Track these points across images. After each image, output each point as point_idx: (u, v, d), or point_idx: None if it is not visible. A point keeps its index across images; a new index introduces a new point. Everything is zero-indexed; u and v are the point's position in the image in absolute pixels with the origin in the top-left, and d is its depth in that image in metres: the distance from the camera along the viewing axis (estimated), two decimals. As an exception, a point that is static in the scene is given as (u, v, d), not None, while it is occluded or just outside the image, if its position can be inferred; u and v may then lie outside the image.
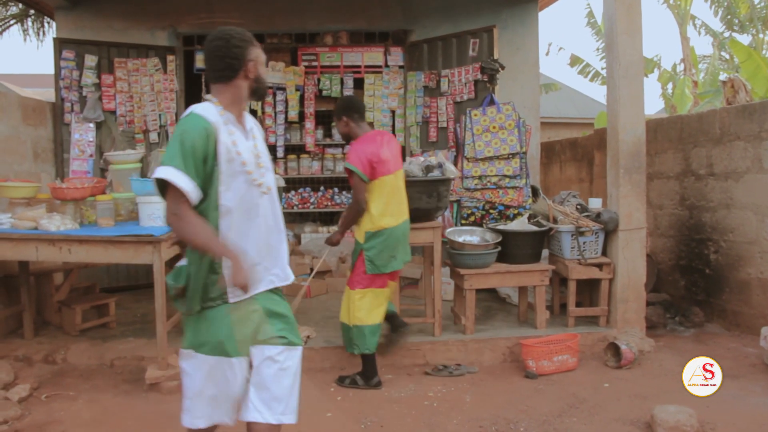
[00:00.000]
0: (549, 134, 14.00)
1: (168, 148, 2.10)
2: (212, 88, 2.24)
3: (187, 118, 2.12)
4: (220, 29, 2.24)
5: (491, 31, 6.17)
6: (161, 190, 2.10)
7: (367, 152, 3.85)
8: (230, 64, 2.18)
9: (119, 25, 6.69)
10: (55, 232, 3.91)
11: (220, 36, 2.20)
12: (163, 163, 2.06)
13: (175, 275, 2.20)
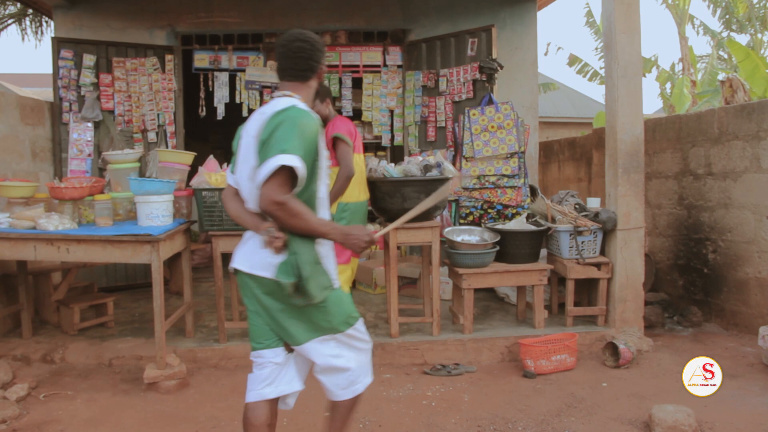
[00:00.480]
0: (547, 134, 14.02)
1: (286, 138, 2.16)
2: (286, 85, 2.41)
3: (301, 111, 2.25)
4: (299, 31, 2.44)
5: (490, 31, 6.17)
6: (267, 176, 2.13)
7: (350, 128, 4.34)
8: (311, 66, 2.40)
9: (117, 25, 6.69)
10: (53, 232, 3.90)
11: (302, 38, 2.39)
12: (285, 150, 2.12)
13: (284, 272, 2.22)
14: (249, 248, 2.37)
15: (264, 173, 2.13)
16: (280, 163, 2.11)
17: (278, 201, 2.13)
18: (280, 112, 2.24)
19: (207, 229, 4.33)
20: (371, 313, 5.28)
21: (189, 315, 4.63)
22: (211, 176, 4.35)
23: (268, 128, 2.22)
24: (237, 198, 2.45)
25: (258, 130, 2.28)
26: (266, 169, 2.12)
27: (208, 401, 3.73)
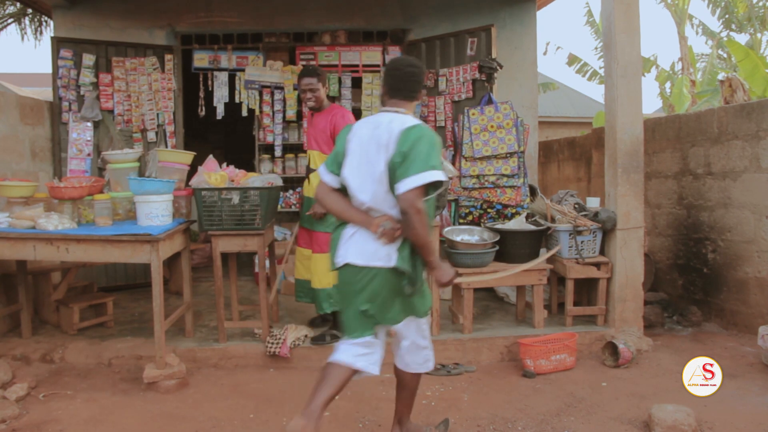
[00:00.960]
0: (547, 133, 14.03)
1: (430, 155, 2.59)
2: (396, 102, 2.82)
3: (430, 130, 2.71)
4: (410, 58, 3.00)
5: (489, 30, 6.17)
6: (414, 190, 2.56)
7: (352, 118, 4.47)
8: (418, 88, 2.85)
9: (117, 24, 6.69)
10: (52, 231, 3.90)
11: (413, 64, 2.87)
12: (434, 167, 2.58)
13: (403, 262, 2.67)
14: (357, 243, 2.73)
15: (415, 183, 2.54)
16: (434, 179, 2.55)
17: (419, 208, 2.55)
18: (412, 128, 2.66)
19: (206, 228, 4.33)
20: (371, 313, 5.28)
21: (188, 315, 4.63)
22: (211, 176, 4.35)
23: (406, 142, 2.61)
24: (337, 194, 2.83)
25: (388, 140, 2.66)
26: (419, 181, 2.54)
27: (208, 401, 3.73)
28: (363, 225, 2.72)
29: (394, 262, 2.66)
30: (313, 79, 4.36)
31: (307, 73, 4.39)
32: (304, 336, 4.44)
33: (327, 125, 4.39)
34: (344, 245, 2.77)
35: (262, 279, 4.42)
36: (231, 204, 4.25)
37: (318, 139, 4.43)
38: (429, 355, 2.98)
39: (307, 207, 4.53)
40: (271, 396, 3.79)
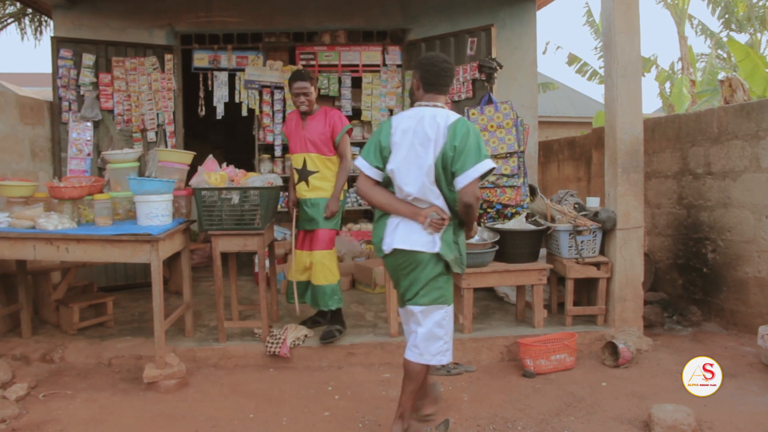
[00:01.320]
0: (547, 133, 14.03)
1: (480, 146, 2.86)
2: (432, 96, 3.00)
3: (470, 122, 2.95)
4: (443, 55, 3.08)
5: (489, 30, 6.17)
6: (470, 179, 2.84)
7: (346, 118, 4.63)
8: (451, 83, 3.05)
9: (117, 24, 6.69)
10: (52, 231, 3.90)
11: (447, 60, 3.02)
12: (486, 157, 2.87)
13: (447, 249, 2.92)
14: (403, 231, 2.95)
15: (475, 174, 2.80)
16: (490, 167, 2.83)
17: (478, 196, 2.89)
18: (458, 122, 2.89)
19: (206, 228, 4.33)
20: (370, 313, 5.28)
21: (188, 314, 4.63)
22: (211, 175, 4.35)
23: (456, 136, 2.84)
24: (381, 187, 3.03)
25: (436, 134, 2.86)
26: (478, 172, 2.81)
27: (208, 401, 3.73)
28: (410, 216, 2.93)
29: (437, 249, 2.90)
30: (306, 83, 4.35)
31: (299, 77, 4.37)
32: (304, 336, 4.44)
33: (326, 128, 4.44)
34: (390, 234, 2.98)
35: (261, 279, 4.43)
36: (231, 204, 4.25)
37: (316, 142, 4.44)
38: (443, 348, 3.02)
39: (305, 209, 4.52)
40: (271, 396, 3.79)
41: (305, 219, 4.54)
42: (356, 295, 6.02)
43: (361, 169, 3.04)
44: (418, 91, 3.05)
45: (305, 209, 4.53)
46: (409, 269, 2.97)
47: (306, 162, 4.50)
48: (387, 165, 2.97)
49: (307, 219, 4.52)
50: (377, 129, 3.10)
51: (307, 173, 4.51)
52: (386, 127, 3.03)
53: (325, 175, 4.52)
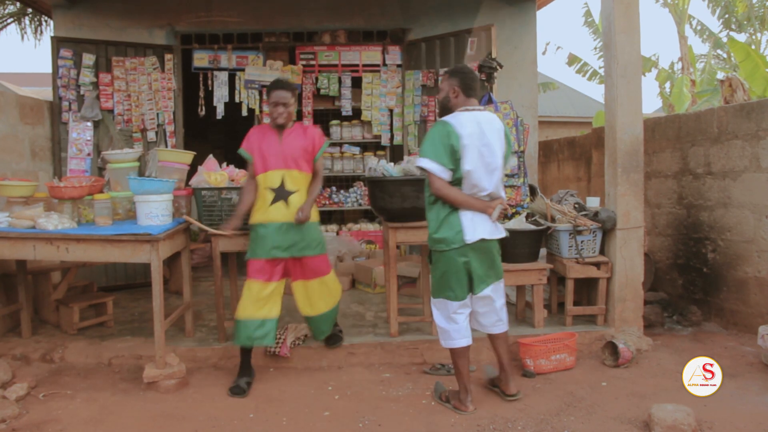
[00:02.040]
0: (547, 133, 14.03)
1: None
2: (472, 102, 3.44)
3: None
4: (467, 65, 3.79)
5: (489, 30, 6.17)
6: None
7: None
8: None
9: (117, 24, 6.69)
10: (52, 231, 3.90)
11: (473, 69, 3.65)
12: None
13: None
14: (482, 223, 3.38)
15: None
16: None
17: None
18: (504, 127, 3.49)
19: (206, 228, 4.32)
20: (371, 313, 5.28)
21: (188, 314, 4.63)
22: (211, 175, 4.35)
23: (508, 140, 3.54)
24: (454, 187, 3.37)
25: (500, 136, 3.43)
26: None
27: (208, 401, 3.73)
28: (481, 209, 3.37)
29: (503, 233, 3.51)
30: (287, 93, 3.88)
31: (281, 86, 3.90)
32: (304, 336, 4.44)
33: (307, 143, 3.96)
34: (471, 226, 3.36)
35: (262, 279, 4.41)
36: (231, 203, 4.26)
37: (297, 158, 3.91)
38: (503, 315, 3.62)
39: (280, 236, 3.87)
40: (272, 396, 3.79)
41: (281, 246, 3.88)
42: (356, 295, 6.02)
43: (433, 172, 3.32)
44: (457, 98, 3.41)
45: (280, 236, 3.86)
46: (491, 255, 3.48)
47: (285, 180, 3.88)
48: (462, 166, 3.30)
49: (287, 246, 3.89)
50: (440, 134, 3.32)
51: (286, 193, 3.89)
52: (452, 132, 3.29)
53: (304, 194, 3.96)
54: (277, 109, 3.88)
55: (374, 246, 7.04)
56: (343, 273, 6.42)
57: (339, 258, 6.64)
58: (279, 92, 3.87)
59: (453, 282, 3.44)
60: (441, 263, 3.46)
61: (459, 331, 3.48)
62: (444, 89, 3.48)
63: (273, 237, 3.88)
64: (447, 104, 3.47)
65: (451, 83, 3.41)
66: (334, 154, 7.55)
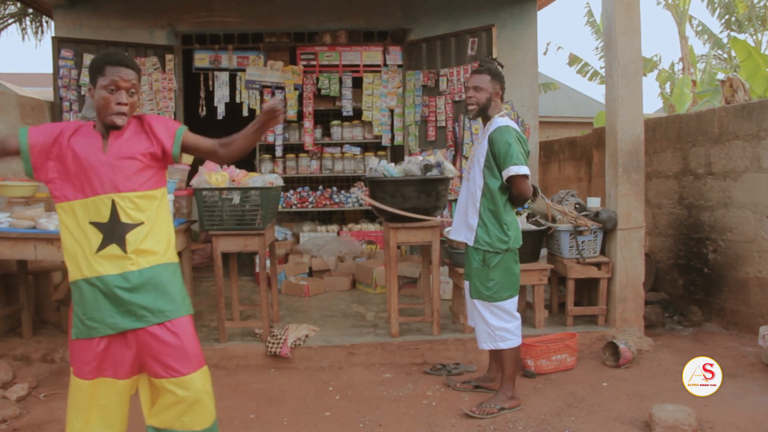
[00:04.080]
0: (547, 133, 14.02)
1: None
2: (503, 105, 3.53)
3: None
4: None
5: (490, 30, 6.17)
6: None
7: None
8: None
9: (118, 24, 6.69)
10: (53, 231, 3.90)
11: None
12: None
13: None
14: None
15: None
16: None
17: None
18: None
19: (207, 228, 4.33)
20: (371, 313, 5.28)
21: (189, 314, 4.62)
22: (212, 176, 4.35)
23: None
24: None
25: None
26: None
27: (209, 401, 3.72)
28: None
29: None
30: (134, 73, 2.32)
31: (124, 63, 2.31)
32: (305, 336, 4.44)
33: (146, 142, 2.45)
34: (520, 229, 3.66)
35: (262, 279, 4.43)
36: (232, 204, 4.26)
37: (129, 172, 2.36)
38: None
39: (122, 294, 2.28)
40: (272, 396, 3.79)
41: (119, 312, 2.29)
42: (357, 295, 6.02)
43: (524, 174, 3.43)
44: (498, 103, 3.50)
45: (122, 294, 2.28)
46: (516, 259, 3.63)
47: (117, 209, 2.30)
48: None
49: (126, 311, 2.30)
50: (516, 138, 3.41)
51: (122, 228, 2.31)
52: (521, 136, 3.48)
53: (155, 224, 2.40)
54: (118, 95, 2.28)
55: (375, 246, 7.04)
56: (344, 273, 6.43)
57: (340, 258, 6.64)
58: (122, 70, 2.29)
59: (515, 279, 3.58)
60: (504, 261, 3.52)
61: (520, 327, 3.59)
62: (488, 90, 3.45)
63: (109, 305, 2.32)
64: (487, 107, 3.48)
65: (496, 86, 3.46)
66: (334, 154, 7.55)
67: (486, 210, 3.52)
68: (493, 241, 3.49)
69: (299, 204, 7.40)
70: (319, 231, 7.33)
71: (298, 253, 6.82)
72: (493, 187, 3.49)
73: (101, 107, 2.27)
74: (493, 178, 3.48)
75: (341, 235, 7.14)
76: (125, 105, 2.27)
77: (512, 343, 3.52)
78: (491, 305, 3.51)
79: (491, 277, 3.49)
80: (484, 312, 3.53)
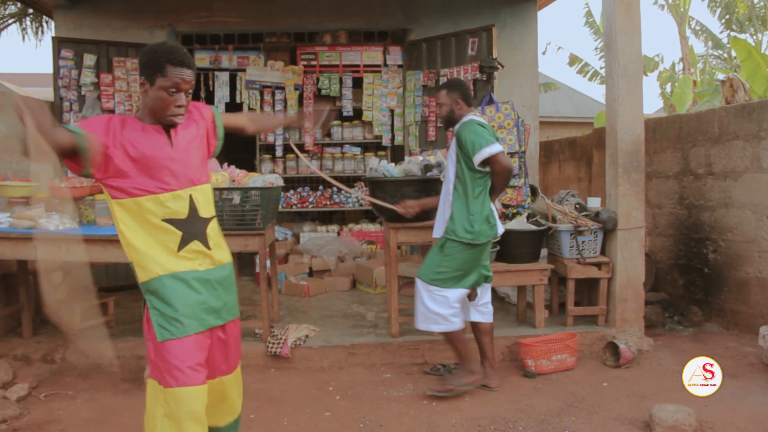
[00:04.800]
0: (548, 133, 14.01)
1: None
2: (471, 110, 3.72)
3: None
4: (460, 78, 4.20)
5: (490, 31, 6.17)
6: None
7: None
8: None
9: (118, 24, 6.69)
10: (53, 231, 3.90)
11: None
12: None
13: None
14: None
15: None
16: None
17: None
18: None
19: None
20: (371, 313, 5.28)
21: (189, 315, 4.62)
22: (212, 176, 4.35)
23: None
24: None
25: None
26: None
27: (209, 401, 3.72)
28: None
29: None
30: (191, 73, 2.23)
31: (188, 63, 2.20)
32: (305, 336, 4.44)
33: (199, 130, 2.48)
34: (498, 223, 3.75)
35: (262, 279, 4.43)
36: (232, 204, 4.26)
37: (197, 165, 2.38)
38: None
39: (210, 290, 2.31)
40: (273, 396, 3.79)
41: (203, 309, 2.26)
42: (357, 296, 6.02)
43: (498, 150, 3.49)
44: (461, 109, 3.67)
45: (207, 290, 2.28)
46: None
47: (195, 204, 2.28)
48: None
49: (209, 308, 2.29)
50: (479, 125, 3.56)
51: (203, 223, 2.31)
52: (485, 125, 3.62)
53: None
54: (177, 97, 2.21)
55: (375, 246, 7.04)
56: (344, 273, 6.43)
57: (340, 258, 6.64)
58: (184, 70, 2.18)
59: (468, 278, 3.67)
60: (463, 256, 3.60)
61: (457, 314, 3.69)
62: (447, 104, 3.69)
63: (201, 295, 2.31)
64: (452, 116, 3.70)
65: (453, 97, 3.65)
66: (335, 154, 7.55)
67: (456, 201, 3.64)
68: (457, 229, 3.58)
69: (299, 204, 7.40)
70: (320, 231, 7.33)
71: (299, 253, 6.82)
72: (465, 178, 3.59)
73: (158, 107, 2.19)
74: (465, 170, 3.59)
75: (341, 235, 7.15)
76: (184, 107, 2.21)
77: (445, 328, 3.65)
78: (433, 289, 3.63)
79: (443, 266, 3.61)
80: (424, 294, 3.67)
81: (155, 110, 2.20)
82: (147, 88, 2.18)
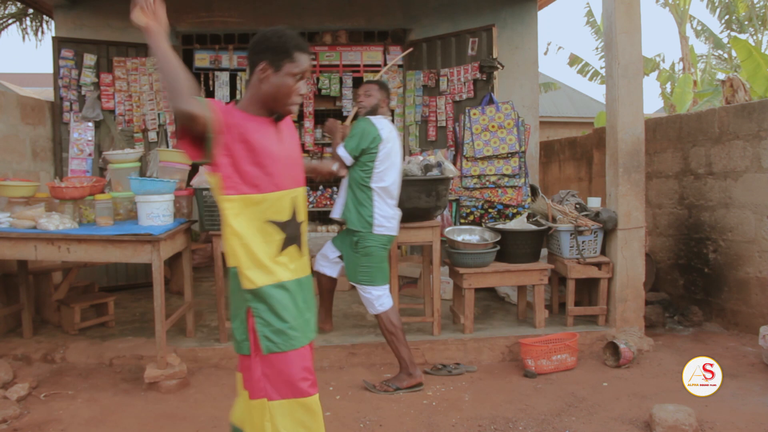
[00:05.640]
0: (548, 133, 14.02)
1: None
2: (385, 110, 4.04)
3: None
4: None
5: (490, 30, 6.17)
6: None
7: None
8: None
9: (118, 24, 6.68)
10: (54, 231, 3.90)
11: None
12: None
13: None
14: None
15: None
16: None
17: None
18: None
19: (207, 228, 4.33)
20: (372, 313, 5.27)
21: (189, 314, 4.63)
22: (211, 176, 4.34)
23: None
24: None
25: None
26: None
27: (209, 401, 3.73)
28: None
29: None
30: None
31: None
32: (305, 336, 4.44)
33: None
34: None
35: (263, 279, 4.41)
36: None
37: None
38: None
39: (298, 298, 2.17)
40: (272, 396, 3.79)
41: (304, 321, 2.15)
42: (357, 296, 6.00)
43: (340, 154, 3.88)
44: (384, 107, 4.02)
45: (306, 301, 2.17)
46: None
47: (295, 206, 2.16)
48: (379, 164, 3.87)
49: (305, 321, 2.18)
50: (361, 129, 3.83)
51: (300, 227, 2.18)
52: (371, 130, 3.84)
53: None
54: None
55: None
56: (345, 273, 6.41)
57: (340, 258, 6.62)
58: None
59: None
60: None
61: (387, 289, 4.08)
62: (376, 97, 3.99)
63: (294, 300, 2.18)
64: (376, 110, 3.99)
65: (383, 95, 4.02)
66: (335, 154, 7.53)
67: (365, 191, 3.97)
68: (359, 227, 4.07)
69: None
70: (320, 231, 7.33)
71: (299, 253, 6.80)
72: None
73: (282, 94, 2.01)
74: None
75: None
76: (303, 96, 2.08)
77: (388, 305, 3.92)
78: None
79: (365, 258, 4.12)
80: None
81: (277, 98, 2.02)
82: (269, 74, 2.00)
